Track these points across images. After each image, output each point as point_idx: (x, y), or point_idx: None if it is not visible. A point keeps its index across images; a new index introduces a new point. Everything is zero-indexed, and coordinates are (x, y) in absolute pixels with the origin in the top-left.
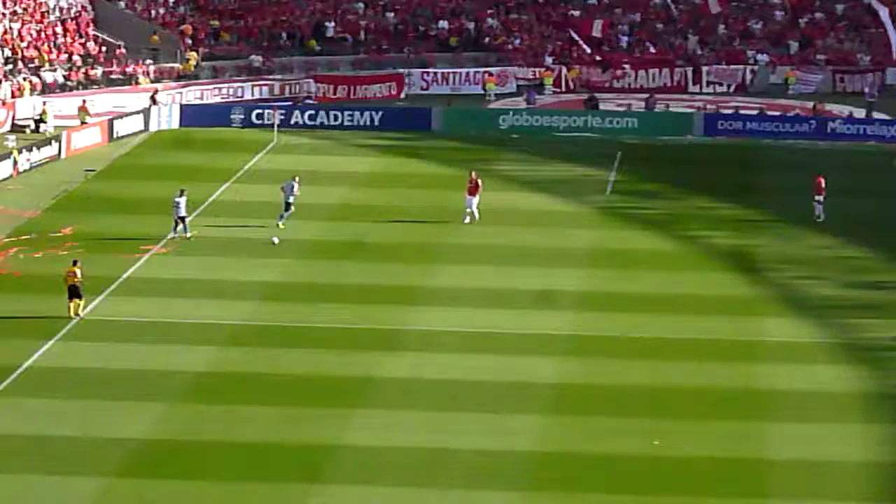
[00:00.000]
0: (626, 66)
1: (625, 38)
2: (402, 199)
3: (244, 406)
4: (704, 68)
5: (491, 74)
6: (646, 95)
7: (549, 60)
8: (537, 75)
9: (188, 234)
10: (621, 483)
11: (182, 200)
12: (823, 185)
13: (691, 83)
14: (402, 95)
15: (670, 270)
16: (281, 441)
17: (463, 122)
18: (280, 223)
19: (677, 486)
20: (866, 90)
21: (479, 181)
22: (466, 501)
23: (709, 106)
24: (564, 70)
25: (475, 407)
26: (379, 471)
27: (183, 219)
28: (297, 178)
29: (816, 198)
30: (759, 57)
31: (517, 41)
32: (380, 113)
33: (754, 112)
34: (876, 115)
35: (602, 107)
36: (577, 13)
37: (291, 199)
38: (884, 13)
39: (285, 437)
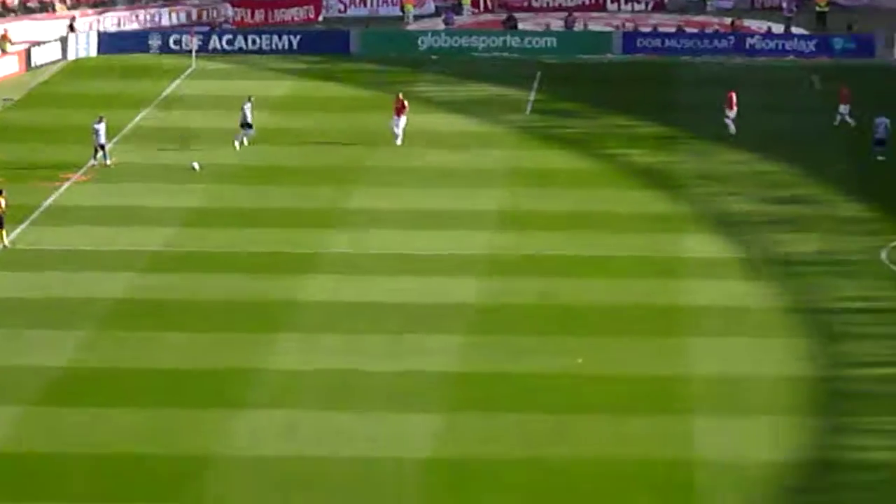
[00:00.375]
0: None
1: None
2: (321, 122)
3: (165, 332)
4: None
5: None
6: (565, 14)
7: None
8: None
9: (108, 162)
10: (543, 402)
11: (101, 127)
12: (735, 100)
13: (609, 1)
14: (320, 18)
15: (589, 188)
16: (202, 367)
17: (381, 44)
18: (237, 144)
19: (599, 404)
20: (784, 5)
21: (406, 102)
22: (387, 423)
23: (627, 24)
24: None
25: (396, 329)
26: (300, 394)
27: (102, 146)
28: (251, 99)
29: (728, 113)
30: None
31: None
32: (298, 36)
33: (672, 29)
34: (794, 30)
35: (521, 26)
36: None
37: (249, 120)
38: None
39: (206, 363)
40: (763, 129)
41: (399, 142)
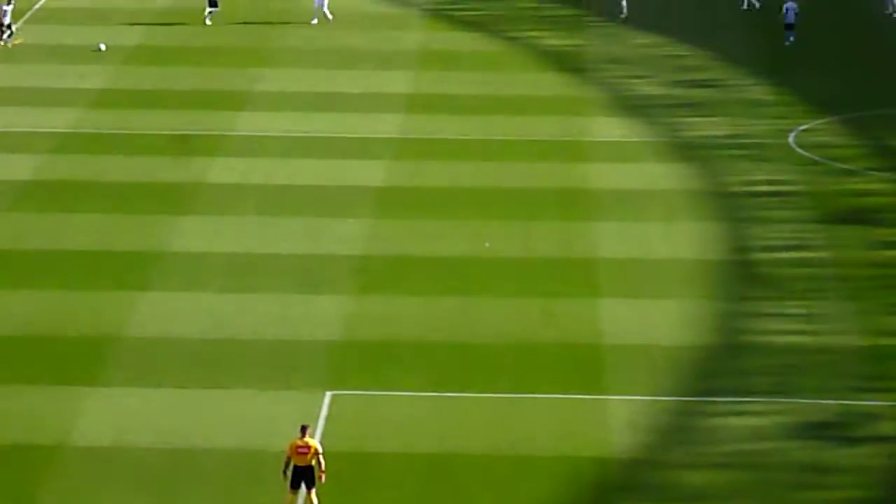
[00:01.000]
0: None
1: None
2: (228, 3)
3: (71, 214)
4: None
5: None
6: None
7: None
8: None
9: (10, 43)
10: (450, 284)
11: (9, 9)
12: None
13: None
14: None
15: (497, 72)
16: (108, 249)
17: None
18: (207, 20)
19: (506, 287)
20: None
21: None
22: (295, 304)
23: None
24: None
25: (302, 211)
26: (207, 276)
27: (9, 25)
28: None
29: None
30: None
31: None
32: None
33: None
34: None
35: None
36: None
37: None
38: None
39: (112, 245)
40: (672, 13)
41: (315, 21)
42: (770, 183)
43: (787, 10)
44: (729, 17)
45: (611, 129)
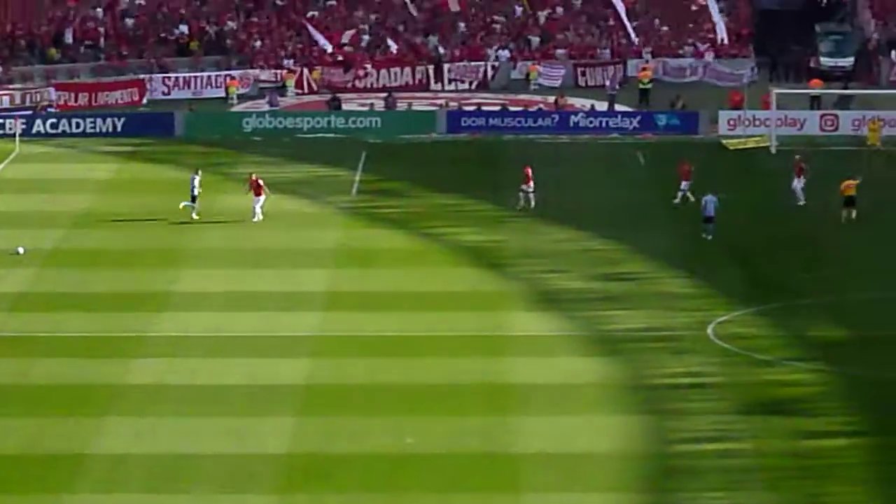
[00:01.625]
0: (368, 65)
1: (366, 38)
2: (146, 204)
3: None
4: (446, 66)
5: (233, 78)
6: (385, 95)
7: (290, 62)
8: (279, 77)
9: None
10: (374, 482)
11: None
12: (531, 174)
13: (433, 81)
14: (144, 101)
15: (417, 268)
16: (27, 453)
17: (206, 125)
18: (193, 214)
19: (430, 483)
20: (607, 83)
21: (261, 181)
22: None
23: (451, 103)
24: (306, 71)
25: (225, 411)
26: (129, 479)
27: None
28: (198, 171)
29: (523, 187)
30: (501, 53)
31: (258, 43)
32: (122, 119)
33: (497, 108)
34: (618, 107)
35: (345, 107)
36: (316, 14)
37: (196, 193)
38: (620, 7)
39: (31, 449)
40: (589, 207)
41: (256, 219)
42: (689, 375)
43: (706, 203)
44: (647, 210)
45: (530, 323)
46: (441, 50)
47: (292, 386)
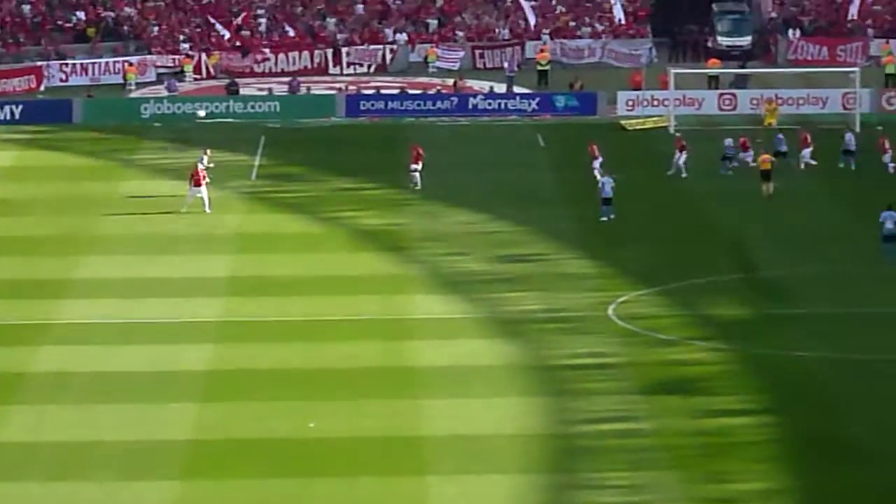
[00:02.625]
0: (266, 50)
1: (263, 22)
2: (46, 192)
3: None
4: (344, 49)
5: (130, 64)
6: (288, 79)
7: (187, 48)
8: (177, 63)
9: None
10: (278, 467)
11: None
12: (419, 153)
13: (332, 65)
14: (42, 88)
15: (318, 252)
16: None
17: (104, 112)
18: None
19: (334, 467)
20: (506, 65)
21: (203, 173)
22: (122, 493)
23: (350, 87)
24: (204, 56)
25: (128, 398)
26: (32, 467)
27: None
28: (207, 151)
29: (412, 167)
30: (399, 36)
31: (155, 29)
32: (20, 106)
33: (395, 91)
34: (516, 89)
35: (243, 91)
36: None
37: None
38: None
39: None
40: (489, 189)
41: (208, 209)
42: (591, 355)
43: (603, 184)
44: (547, 192)
45: (432, 306)
46: (339, 34)
47: (195, 372)
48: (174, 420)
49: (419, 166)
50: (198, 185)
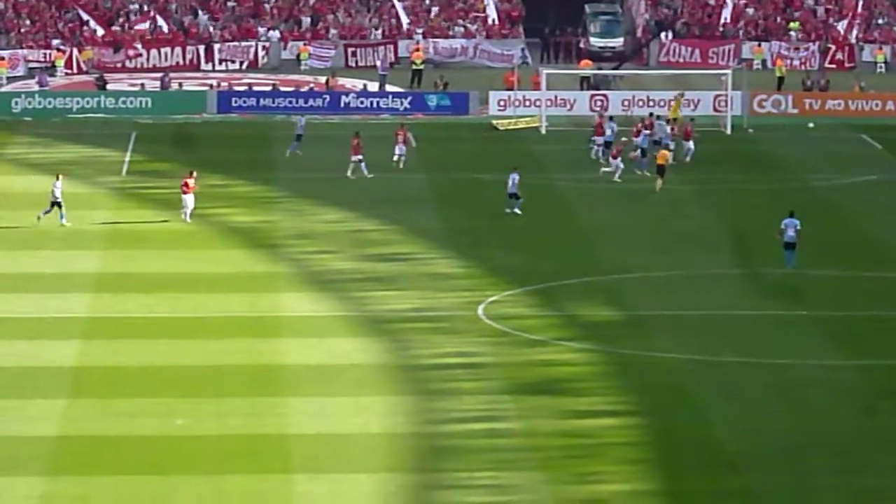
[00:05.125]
0: (138, 45)
1: (135, 17)
2: None
3: None
4: (216, 46)
5: (2, 58)
6: (160, 75)
7: (59, 43)
8: (49, 58)
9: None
10: (144, 464)
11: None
12: (358, 143)
13: (203, 61)
14: None
15: (187, 249)
16: None
17: None
18: (41, 216)
19: (201, 464)
20: (378, 63)
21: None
22: None
23: (222, 83)
24: (76, 51)
25: None
26: None
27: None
28: (59, 177)
29: (353, 158)
30: (271, 33)
31: (27, 24)
32: None
33: (267, 88)
34: (389, 87)
35: (115, 87)
36: None
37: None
38: None
39: None
40: (359, 188)
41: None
42: (459, 355)
43: (511, 180)
44: (417, 192)
45: (300, 304)
46: (211, 30)
47: (61, 368)
48: (40, 416)
49: (359, 157)
50: (187, 192)
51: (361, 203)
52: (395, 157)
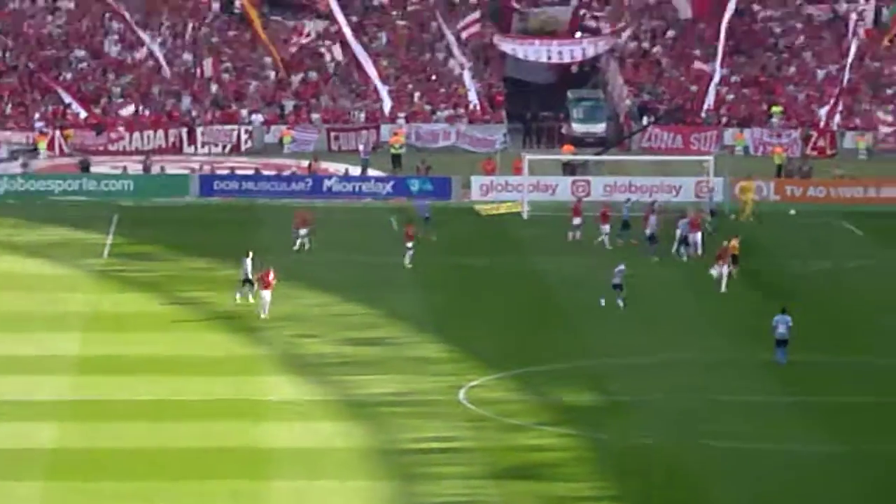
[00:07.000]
0: (121, 128)
1: (119, 101)
2: None
3: None
4: (199, 129)
5: None
6: (142, 157)
7: (41, 125)
8: (31, 140)
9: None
10: None
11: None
12: (306, 219)
13: (186, 144)
14: None
15: (170, 332)
16: None
17: None
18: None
19: None
20: (361, 148)
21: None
22: None
23: (204, 167)
24: (59, 134)
25: None
26: None
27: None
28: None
29: (300, 231)
30: (254, 117)
31: (9, 106)
32: None
33: (250, 172)
34: (371, 172)
35: (98, 169)
36: (69, 76)
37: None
38: (373, 72)
39: None
40: (343, 271)
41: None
42: (440, 439)
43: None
44: (399, 276)
45: (282, 388)
46: (194, 113)
47: (41, 450)
48: (19, 498)
49: (304, 231)
50: (266, 287)
51: (344, 286)
52: (407, 255)
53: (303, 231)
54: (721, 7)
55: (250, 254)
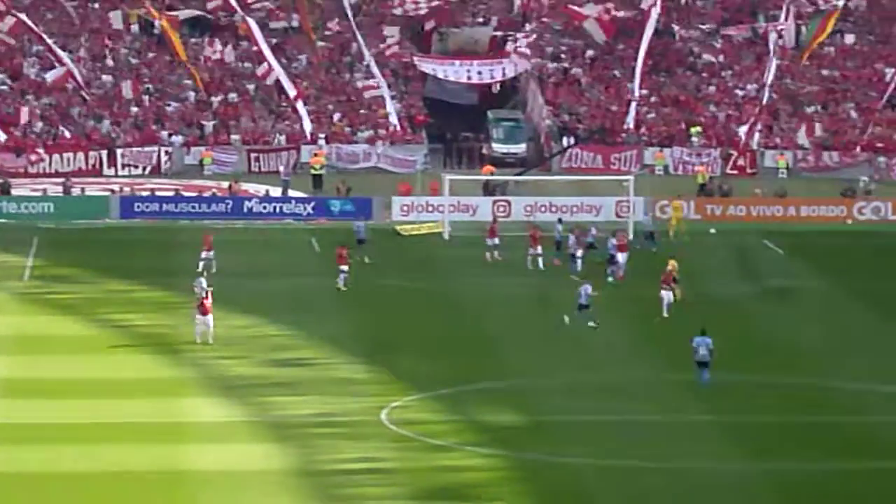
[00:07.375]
0: (41, 150)
1: (39, 124)
2: None
3: None
4: (119, 151)
5: None
6: (62, 180)
7: None
8: None
9: None
10: None
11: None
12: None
13: (106, 166)
14: None
15: (90, 354)
16: None
17: None
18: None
19: None
20: (281, 169)
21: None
22: None
23: (124, 188)
24: None
25: None
26: None
27: None
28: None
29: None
30: (174, 138)
31: None
32: None
33: (170, 194)
34: (292, 192)
35: (18, 192)
36: None
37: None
38: (294, 93)
39: None
40: (263, 292)
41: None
42: (363, 461)
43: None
44: (320, 296)
45: (204, 410)
46: (113, 135)
47: None
48: None
49: (210, 255)
50: (205, 313)
51: (265, 308)
52: (340, 277)
53: (209, 254)
54: (640, 27)
55: (204, 273)
